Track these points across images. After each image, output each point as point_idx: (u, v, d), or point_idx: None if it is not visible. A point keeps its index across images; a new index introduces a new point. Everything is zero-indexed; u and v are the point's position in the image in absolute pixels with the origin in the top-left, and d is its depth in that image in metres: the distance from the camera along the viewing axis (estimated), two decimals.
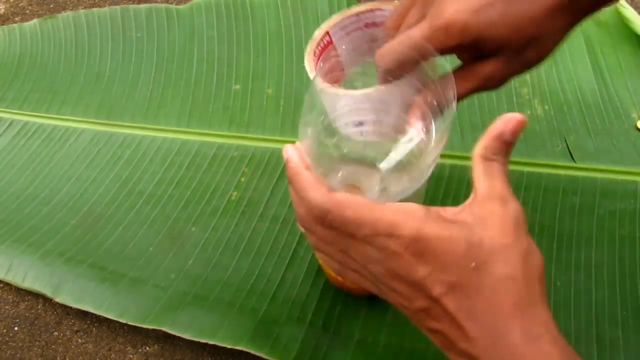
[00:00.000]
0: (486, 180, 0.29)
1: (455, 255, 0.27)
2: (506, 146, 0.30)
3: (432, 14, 0.32)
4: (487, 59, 0.34)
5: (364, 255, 0.29)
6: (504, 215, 0.28)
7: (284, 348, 0.47)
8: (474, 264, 0.26)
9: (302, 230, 0.32)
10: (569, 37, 0.33)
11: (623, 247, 0.51)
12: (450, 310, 0.27)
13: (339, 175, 0.31)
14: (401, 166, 0.30)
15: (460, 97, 0.35)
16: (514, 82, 0.63)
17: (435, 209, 0.28)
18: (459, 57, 0.36)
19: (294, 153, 0.31)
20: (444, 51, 0.32)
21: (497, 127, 0.29)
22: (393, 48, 0.33)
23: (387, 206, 0.28)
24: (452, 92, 0.30)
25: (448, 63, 0.33)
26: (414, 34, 0.32)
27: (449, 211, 0.28)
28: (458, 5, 0.31)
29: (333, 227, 0.29)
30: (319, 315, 0.49)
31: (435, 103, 0.33)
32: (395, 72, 0.34)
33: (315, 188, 0.29)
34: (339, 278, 0.47)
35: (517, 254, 0.27)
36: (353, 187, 0.31)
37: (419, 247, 0.27)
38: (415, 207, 0.27)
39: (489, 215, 0.28)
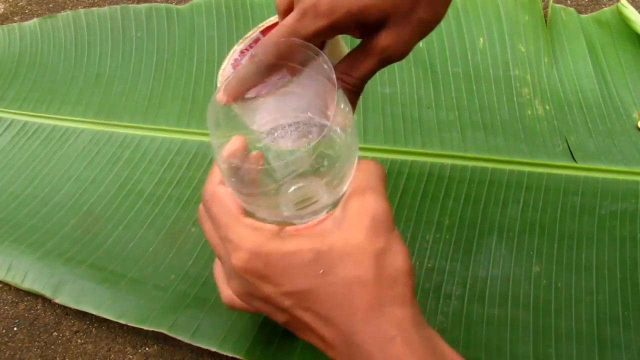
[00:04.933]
0: (355, 175, 0.29)
1: (301, 266, 0.26)
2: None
3: None
4: (379, 31, 0.31)
5: (225, 264, 0.30)
6: (360, 212, 0.27)
7: (285, 356, 0.47)
8: (322, 270, 0.26)
9: None
10: (570, 37, 0.32)
11: (624, 247, 0.51)
12: (307, 321, 0.27)
13: (287, 200, 0.30)
14: (331, 160, 0.29)
15: (364, 77, 0.33)
16: (515, 82, 0.63)
17: (292, 228, 0.28)
18: (356, 38, 0.34)
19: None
20: (322, 34, 0.30)
21: None
22: (271, 39, 0.31)
23: (244, 220, 0.28)
24: (327, 68, 0.29)
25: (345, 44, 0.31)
26: (287, 21, 0.31)
27: (310, 227, 0.28)
28: None
29: (209, 217, 0.30)
30: None
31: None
32: (280, 64, 0.32)
33: (212, 177, 0.31)
34: None
35: (368, 256, 0.26)
36: (308, 200, 0.30)
37: (259, 263, 0.27)
38: (268, 226, 0.28)
39: (346, 214, 0.27)
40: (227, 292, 0.32)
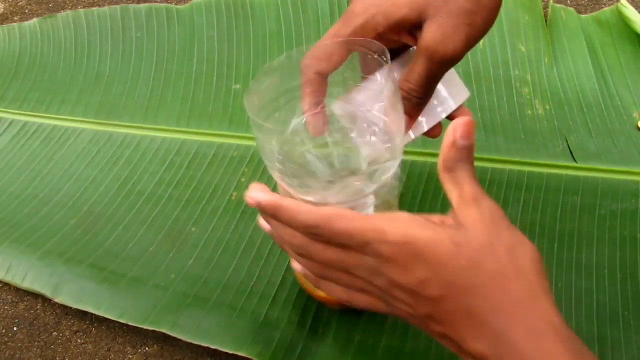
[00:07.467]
0: (455, 190, 0.29)
1: (446, 255, 0.26)
2: (462, 151, 0.29)
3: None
4: (421, 28, 0.31)
5: (365, 268, 0.29)
6: (480, 215, 0.28)
7: (285, 354, 0.47)
8: (464, 263, 0.26)
9: (300, 269, 0.31)
10: (570, 37, 0.32)
11: (624, 247, 0.51)
12: (451, 311, 0.27)
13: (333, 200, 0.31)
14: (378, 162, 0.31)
15: (418, 82, 0.32)
16: (515, 82, 0.63)
17: (421, 215, 0.28)
18: (411, 43, 0.33)
19: (259, 192, 0.29)
20: (360, 34, 0.32)
21: (449, 137, 0.29)
22: (319, 45, 0.34)
23: (373, 215, 0.28)
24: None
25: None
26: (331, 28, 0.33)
27: (434, 217, 0.29)
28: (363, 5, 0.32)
29: (327, 242, 0.28)
30: (320, 321, 0.49)
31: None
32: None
33: (301, 210, 0.28)
34: (316, 291, 0.47)
35: (502, 250, 0.27)
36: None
37: (410, 249, 0.27)
38: (400, 214, 0.27)
39: (467, 220, 0.28)
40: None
